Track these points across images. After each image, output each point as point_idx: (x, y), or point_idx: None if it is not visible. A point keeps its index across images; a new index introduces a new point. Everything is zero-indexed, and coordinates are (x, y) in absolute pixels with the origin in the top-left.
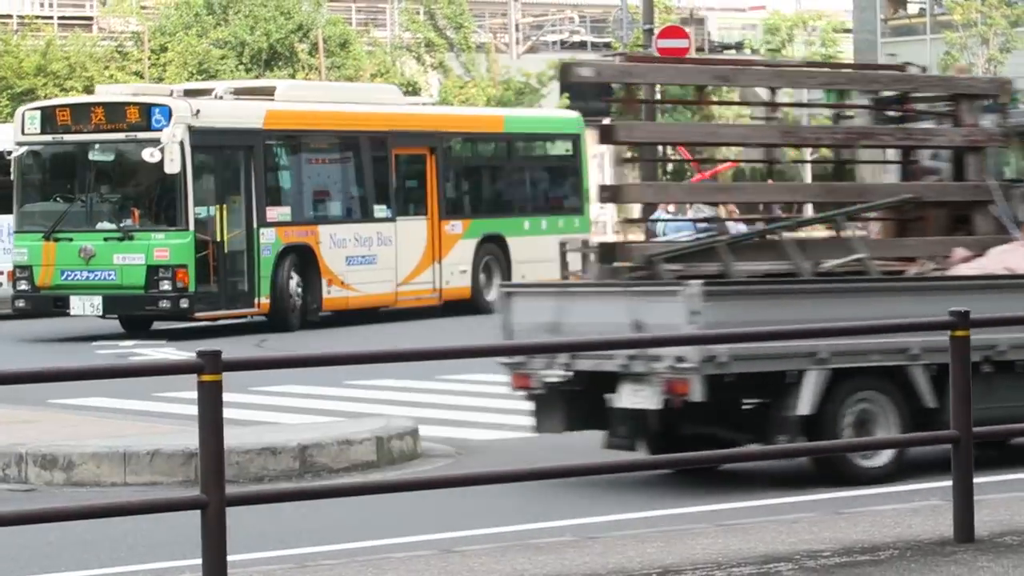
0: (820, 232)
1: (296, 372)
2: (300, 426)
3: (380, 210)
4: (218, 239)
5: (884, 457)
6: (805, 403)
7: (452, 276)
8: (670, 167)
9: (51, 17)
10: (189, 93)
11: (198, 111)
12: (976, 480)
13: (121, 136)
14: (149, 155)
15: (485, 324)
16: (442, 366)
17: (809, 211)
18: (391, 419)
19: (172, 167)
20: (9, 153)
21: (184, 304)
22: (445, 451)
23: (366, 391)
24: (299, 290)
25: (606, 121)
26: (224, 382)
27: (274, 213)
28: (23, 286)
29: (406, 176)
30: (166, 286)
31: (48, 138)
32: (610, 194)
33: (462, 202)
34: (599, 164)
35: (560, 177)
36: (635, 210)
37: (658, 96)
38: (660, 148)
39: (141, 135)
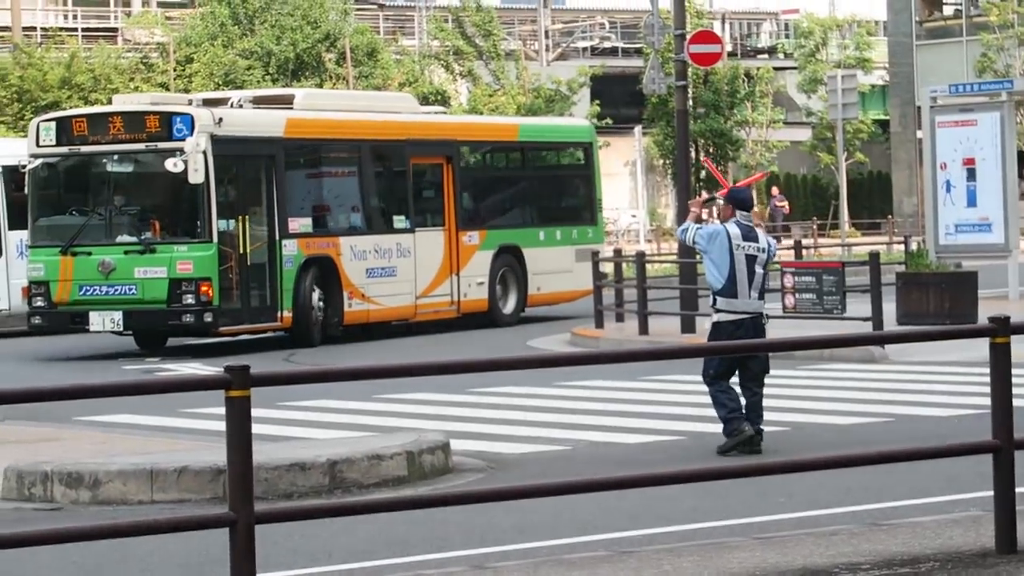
0: None
1: (324, 387)
2: (329, 441)
3: (399, 221)
4: (241, 251)
5: None
6: None
7: (470, 288)
8: None
9: (75, 29)
10: (207, 103)
11: (220, 120)
12: (1018, 490)
13: (141, 146)
14: (172, 165)
15: (505, 337)
16: (472, 379)
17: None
18: (422, 433)
19: (196, 177)
20: (24, 166)
21: (208, 318)
22: (477, 465)
23: (396, 405)
24: (320, 304)
25: (637, 129)
26: (252, 397)
27: (296, 224)
28: (39, 302)
29: (423, 186)
30: (190, 300)
31: (64, 150)
32: None
33: (478, 212)
34: (631, 172)
35: (573, 186)
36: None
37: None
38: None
39: (162, 145)
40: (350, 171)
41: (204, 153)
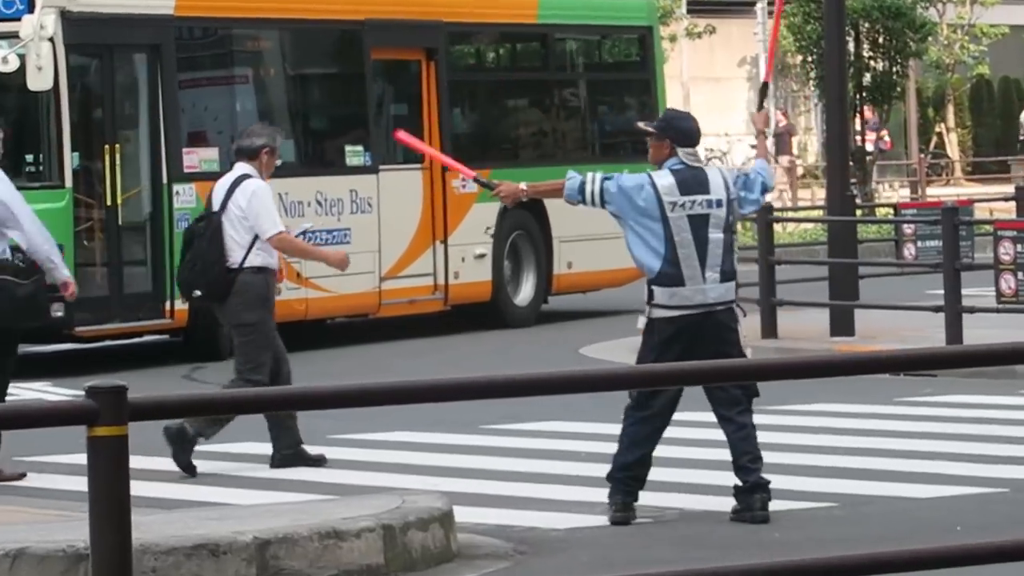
0: None
1: (248, 422)
2: (257, 509)
3: (354, 154)
4: (108, 203)
5: None
6: None
7: (463, 264)
8: None
9: None
10: None
11: None
12: None
13: None
14: (1, 61)
15: (529, 341)
16: (488, 410)
17: None
18: (407, 496)
19: (39, 81)
20: None
21: (58, 313)
22: (497, 548)
23: (365, 451)
24: None
25: (760, 7)
26: (132, 437)
27: (194, 159)
28: None
29: (391, 98)
30: None
31: None
32: None
33: (476, 140)
34: (749, 76)
35: (622, 99)
36: None
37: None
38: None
39: None
40: (275, 73)
41: (51, 41)
